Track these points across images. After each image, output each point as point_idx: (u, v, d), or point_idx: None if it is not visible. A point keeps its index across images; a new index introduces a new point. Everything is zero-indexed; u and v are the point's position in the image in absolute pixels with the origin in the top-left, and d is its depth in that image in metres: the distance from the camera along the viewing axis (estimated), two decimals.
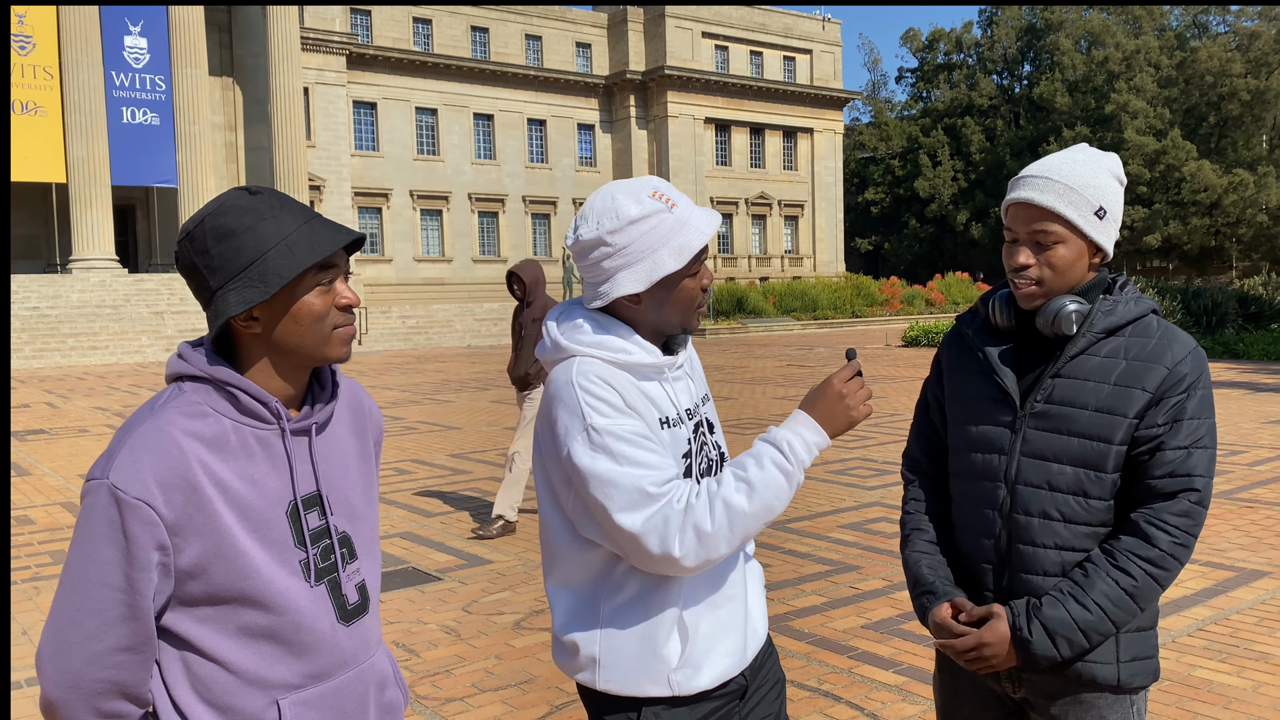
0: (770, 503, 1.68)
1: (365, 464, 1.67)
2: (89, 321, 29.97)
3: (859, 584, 5.71)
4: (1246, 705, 3.93)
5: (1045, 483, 1.87)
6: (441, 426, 13.26)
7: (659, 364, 1.76)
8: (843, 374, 1.74)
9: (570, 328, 1.77)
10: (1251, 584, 5.51)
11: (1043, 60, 66.88)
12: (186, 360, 1.48)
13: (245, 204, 1.46)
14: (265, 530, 1.46)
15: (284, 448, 1.50)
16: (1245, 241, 58.93)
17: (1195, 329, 24.02)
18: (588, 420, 1.66)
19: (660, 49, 54.19)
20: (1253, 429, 11.06)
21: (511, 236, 52.15)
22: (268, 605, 1.45)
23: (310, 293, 1.47)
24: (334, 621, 1.53)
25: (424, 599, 5.66)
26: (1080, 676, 1.87)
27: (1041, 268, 1.86)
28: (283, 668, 1.47)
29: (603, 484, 1.64)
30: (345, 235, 1.49)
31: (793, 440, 1.70)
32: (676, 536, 1.64)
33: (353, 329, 1.54)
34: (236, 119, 40.73)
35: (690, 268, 1.75)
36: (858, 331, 38.38)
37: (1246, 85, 56.36)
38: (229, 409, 1.46)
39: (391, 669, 1.69)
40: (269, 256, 1.43)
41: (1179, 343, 1.85)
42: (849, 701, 4.07)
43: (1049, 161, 1.88)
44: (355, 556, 1.59)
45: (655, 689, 1.74)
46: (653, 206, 1.71)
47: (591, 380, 1.68)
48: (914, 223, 68.29)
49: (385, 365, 25.79)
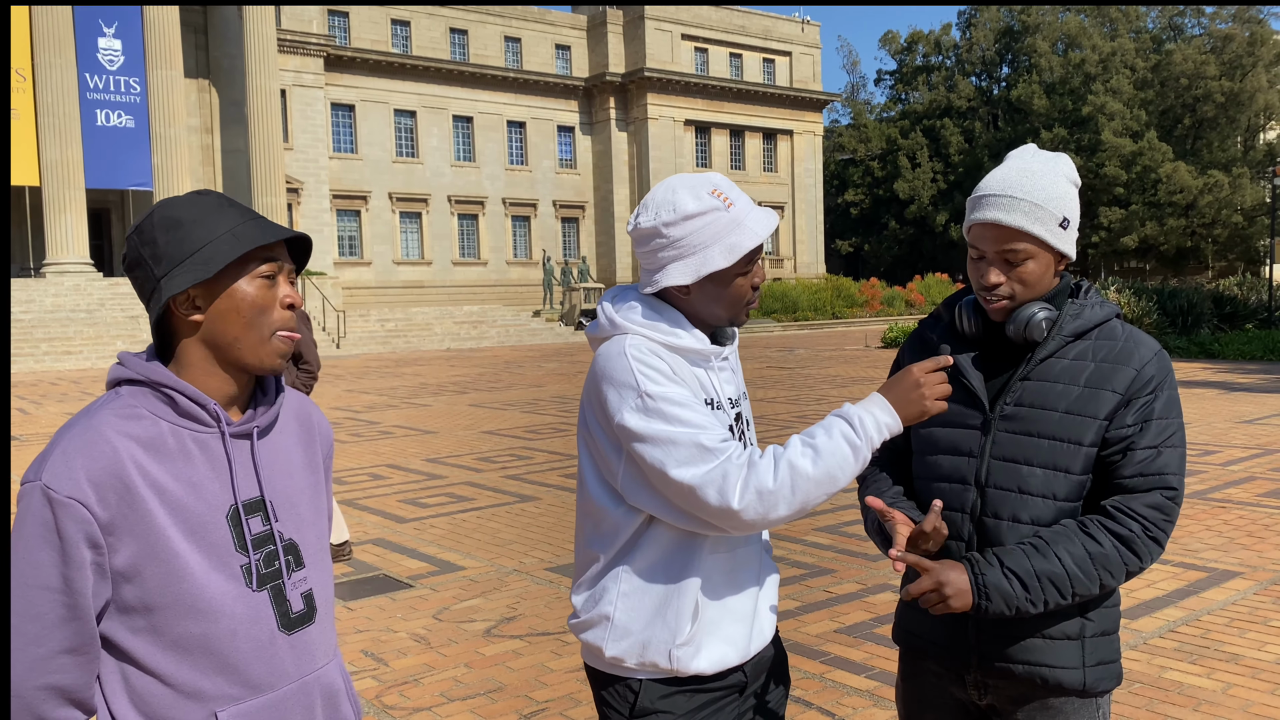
0: (834, 472, 1.69)
1: (313, 475, 1.65)
2: (62, 326, 29.66)
3: (833, 588, 5.69)
4: (1216, 708, 3.93)
5: (1016, 486, 1.87)
6: (418, 431, 13.18)
7: (706, 351, 1.82)
8: (925, 364, 1.76)
9: (625, 309, 1.84)
10: (1223, 585, 5.53)
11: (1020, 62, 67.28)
12: (125, 365, 1.48)
13: (193, 200, 1.49)
14: (203, 533, 1.44)
15: (224, 451, 1.48)
16: (1221, 242, 59.44)
17: (1171, 329, 24.20)
18: (641, 387, 1.72)
19: (640, 51, 54.18)
20: (1226, 429, 11.13)
21: (491, 239, 52.00)
22: (202, 610, 1.43)
23: (252, 285, 1.47)
24: (274, 629, 1.50)
25: (394, 606, 5.59)
26: (1046, 681, 1.87)
27: (1012, 284, 1.87)
28: (220, 679, 1.45)
29: (660, 444, 1.69)
30: (285, 231, 1.50)
31: (864, 417, 1.72)
32: (738, 489, 1.68)
33: (295, 337, 1.53)
34: (213, 121, 40.42)
35: (741, 266, 1.80)
36: (838, 333, 38.46)
37: (1221, 87, 56.88)
38: (167, 411, 1.46)
39: (344, 683, 1.64)
40: (214, 243, 1.45)
41: (1145, 345, 1.88)
42: (820, 707, 4.04)
43: (1008, 177, 1.85)
44: (302, 564, 1.56)
45: (658, 659, 1.79)
46: (710, 204, 1.77)
47: (644, 352, 1.75)
48: (893, 224, 68.55)
49: (363, 369, 25.63)
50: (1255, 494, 7.79)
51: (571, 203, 54.98)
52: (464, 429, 13.22)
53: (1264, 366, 18.91)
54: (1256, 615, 5.01)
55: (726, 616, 1.85)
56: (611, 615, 1.82)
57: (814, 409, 14.29)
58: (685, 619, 1.79)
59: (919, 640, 2.02)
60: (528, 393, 17.95)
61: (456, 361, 27.52)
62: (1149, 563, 1.83)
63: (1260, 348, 20.78)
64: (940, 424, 1.97)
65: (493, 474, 9.72)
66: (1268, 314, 27.00)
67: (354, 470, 10.18)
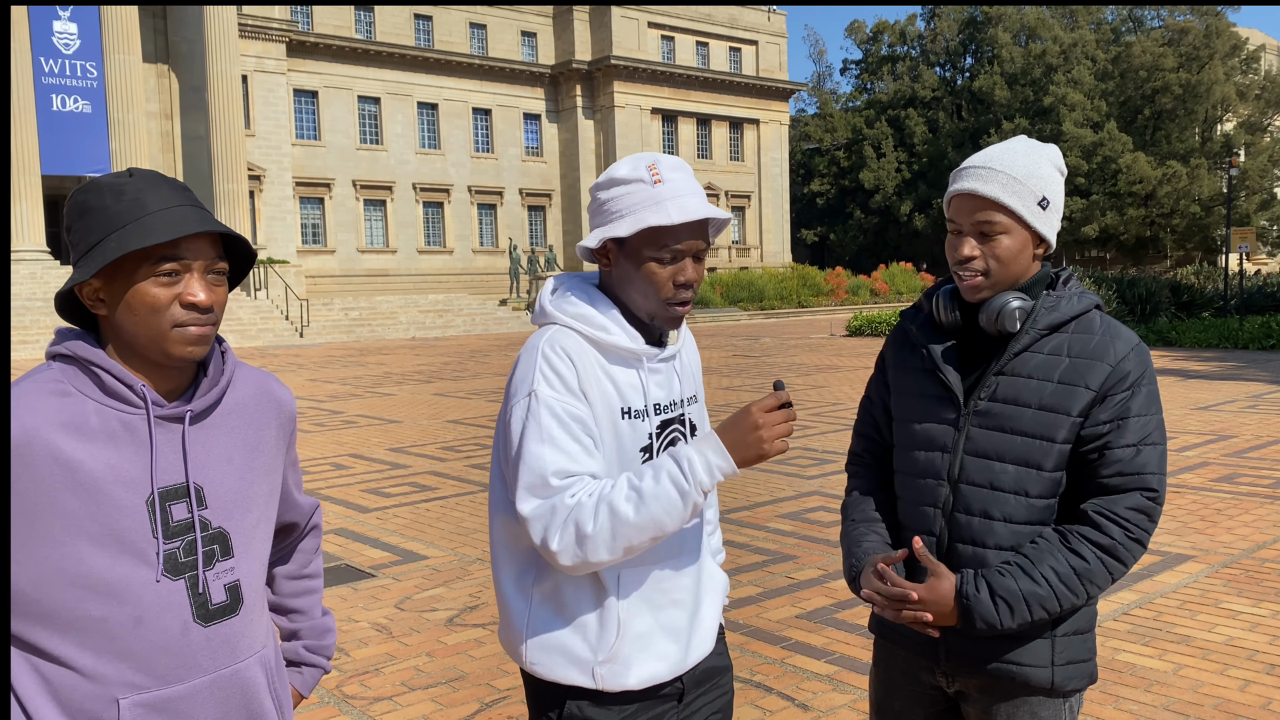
0: (659, 518, 1.63)
1: (266, 457, 1.60)
2: (19, 315, 29.12)
3: (795, 574, 5.73)
4: (1167, 688, 4.01)
5: (988, 482, 1.85)
6: (381, 420, 13.09)
7: (637, 350, 1.75)
8: (765, 403, 1.66)
9: (559, 297, 1.80)
10: (1175, 568, 5.63)
11: (984, 53, 67.81)
12: (57, 340, 1.46)
13: (113, 183, 1.43)
14: (116, 516, 1.40)
15: (148, 433, 1.43)
16: (1179, 232, 60.36)
17: (1130, 317, 24.58)
18: (534, 385, 1.68)
19: (606, 39, 53.97)
20: (1182, 415, 11.33)
21: (457, 227, 51.67)
22: (103, 594, 1.40)
23: (147, 281, 1.40)
24: (188, 620, 1.46)
25: (356, 596, 5.56)
26: (1014, 679, 1.86)
27: (986, 259, 1.85)
28: (122, 665, 1.42)
29: (521, 458, 1.66)
30: (200, 225, 1.42)
31: (694, 459, 1.65)
32: (558, 531, 1.63)
33: (202, 330, 1.45)
34: (173, 107, 39.78)
35: (652, 248, 1.71)
36: (803, 321, 38.66)
37: (1179, 79, 57.65)
38: (93, 390, 1.42)
39: (267, 676, 1.59)
40: (110, 237, 1.39)
41: (1122, 339, 1.84)
42: (779, 692, 4.08)
43: (991, 152, 1.86)
44: (230, 554, 1.51)
45: (580, 678, 1.73)
46: (640, 175, 1.73)
47: (556, 351, 1.70)
48: (859, 214, 68.93)
49: (326, 358, 25.41)
50: (1209, 479, 7.94)
51: (538, 191, 54.74)
52: (428, 418, 13.15)
53: (1219, 354, 19.26)
54: (1207, 598, 5.11)
55: (658, 631, 1.78)
56: (524, 634, 1.76)
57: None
58: (604, 635, 1.73)
59: (891, 631, 2.02)
60: (493, 382, 17.88)
61: (421, 350, 27.35)
62: (1132, 564, 1.81)
63: (1216, 336, 21.15)
64: (917, 419, 1.95)
65: (457, 463, 9.69)
66: (1224, 303, 27.48)
67: (316, 460, 10.10)
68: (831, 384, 15.90)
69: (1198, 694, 3.94)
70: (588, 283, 1.84)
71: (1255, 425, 10.50)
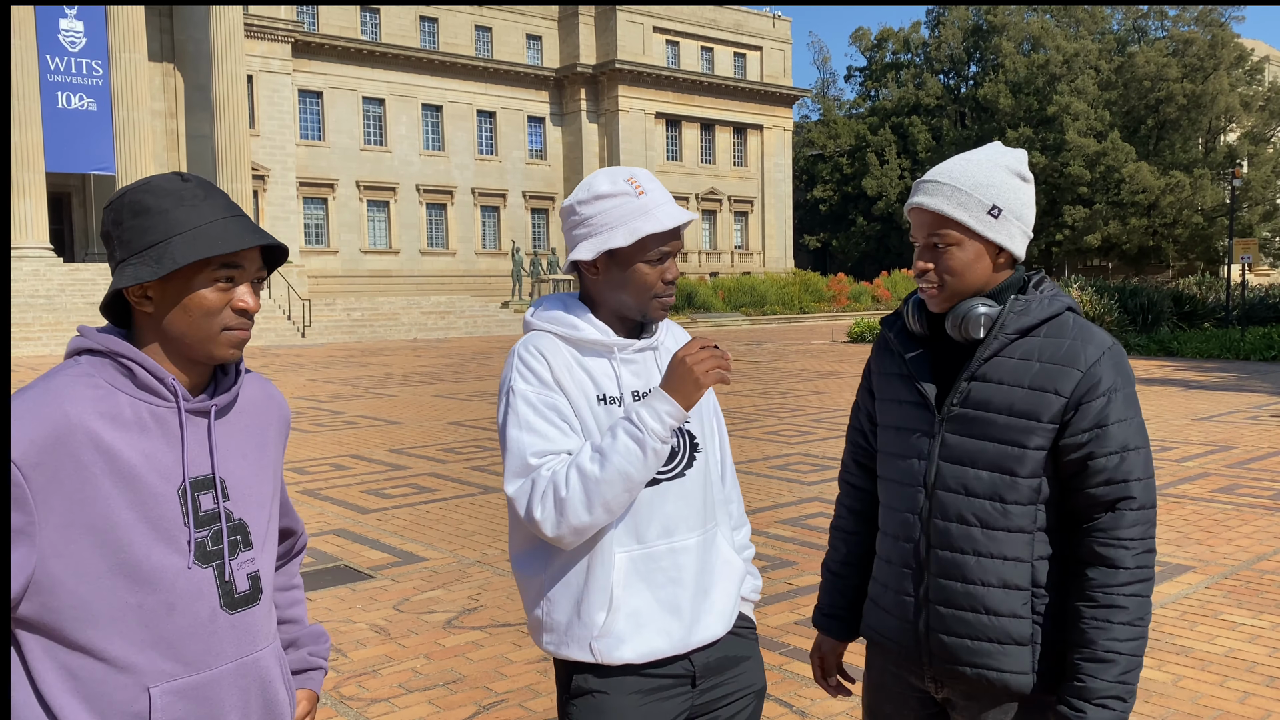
0: (624, 468, 1.76)
1: (272, 455, 1.66)
2: (20, 312, 29.15)
3: (794, 579, 5.72)
4: (1166, 699, 4.00)
5: (962, 488, 1.84)
6: (382, 421, 13.09)
7: (608, 342, 1.89)
8: (689, 345, 1.82)
9: (539, 309, 1.96)
10: (1176, 579, 5.62)
11: (988, 61, 67.87)
12: (85, 336, 1.49)
13: (170, 187, 1.47)
14: (152, 504, 1.44)
15: (179, 425, 1.48)
16: (1181, 242, 60.37)
17: (1131, 327, 24.56)
18: (511, 383, 1.85)
19: (611, 43, 54.05)
20: (1183, 425, 11.32)
21: (460, 229, 51.72)
22: (140, 581, 1.42)
23: (206, 286, 1.48)
24: (216, 608, 1.50)
25: (354, 597, 5.56)
26: (993, 684, 1.85)
27: (940, 273, 1.85)
28: (154, 653, 1.44)
29: (506, 448, 1.83)
30: (258, 238, 1.49)
31: (642, 411, 1.80)
32: (539, 502, 1.78)
33: (245, 334, 1.54)
34: (178, 106, 39.86)
35: (643, 252, 1.86)
36: (805, 327, 38.66)
37: (1183, 89, 57.70)
38: (125, 383, 1.46)
39: (280, 668, 1.64)
40: (173, 241, 1.44)
41: (1094, 343, 1.80)
42: (778, 699, 4.07)
43: (945, 165, 1.87)
44: (250, 545, 1.57)
45: (580, 653, 1.85)
46: (622, 188, 1.87)
47: (530, 351, 1.86)
48: (861, 220, 68.95)
49: (328, 358, 25.42)
50: (1209, 490, 7.93)
51: (541, 194, 54.80)
52: (429, 420, 13.15)
53: (1221, 365, 19.24)
54: (1207, 609, 5.10)
55: (655, 609, 1.88)
56: (540, 617, 1.91)
57: (780, 402, 14.36)
58: (601, 612, 1.85)
59: (878, 636, 2.02)
60: (494, 384, 17.88)
61: (423, 352, 27.36)
62: (1153, 569, 1.81)
63: (1217, 346, 21.15)
64: (896, 425, 1.96)
65: (457, 465, 9.69)
66: (1225, 313, 27.47)
67: (316, 460, 10.10)
68: (832, 390, 15.90)
69: (1197, 706, 3.93)
70: (567, 296, 1.99)
71: (1256, 436, 10.49)
